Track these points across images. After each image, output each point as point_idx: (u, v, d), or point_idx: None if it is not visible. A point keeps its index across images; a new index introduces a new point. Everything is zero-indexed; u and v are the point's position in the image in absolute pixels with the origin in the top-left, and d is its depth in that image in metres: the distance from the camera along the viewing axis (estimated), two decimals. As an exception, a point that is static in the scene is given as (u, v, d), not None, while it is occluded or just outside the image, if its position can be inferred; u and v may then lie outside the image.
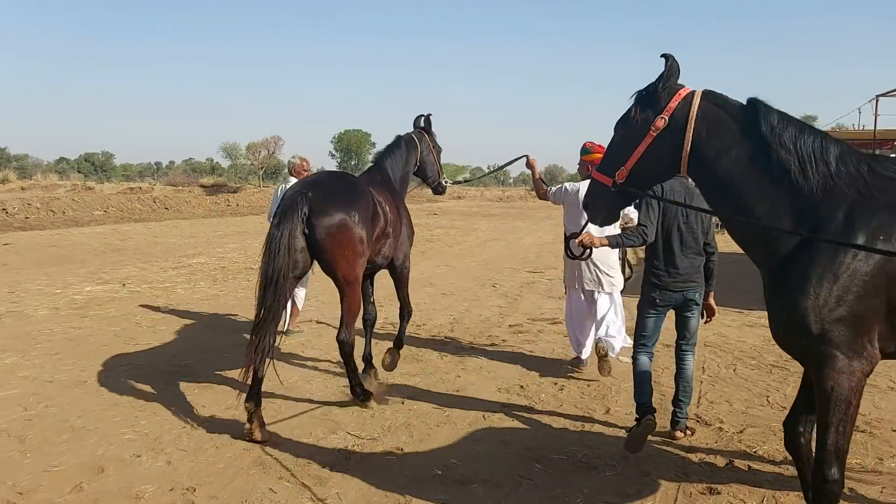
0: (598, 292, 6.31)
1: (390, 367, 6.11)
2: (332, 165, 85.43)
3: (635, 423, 4.53)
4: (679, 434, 4.81)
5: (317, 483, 4.10)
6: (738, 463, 4.36)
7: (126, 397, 5.56)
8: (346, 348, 5.27)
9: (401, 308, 6.27)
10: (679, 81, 3.09)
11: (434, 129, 6.69)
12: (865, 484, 4.05)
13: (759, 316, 9.22)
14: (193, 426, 4.98)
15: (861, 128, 23.97)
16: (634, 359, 4.77)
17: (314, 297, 9.59)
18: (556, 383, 6.11)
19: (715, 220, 5.03)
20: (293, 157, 8.35)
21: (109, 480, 4.10)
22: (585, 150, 6.18)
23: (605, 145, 3.42)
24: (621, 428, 4.99)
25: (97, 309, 9.12)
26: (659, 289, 4.68)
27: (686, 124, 2.96)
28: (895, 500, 3.84)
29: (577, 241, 4.84)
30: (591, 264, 6.17)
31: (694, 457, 4.45)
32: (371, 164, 6.39)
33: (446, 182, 6.76)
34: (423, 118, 6.68)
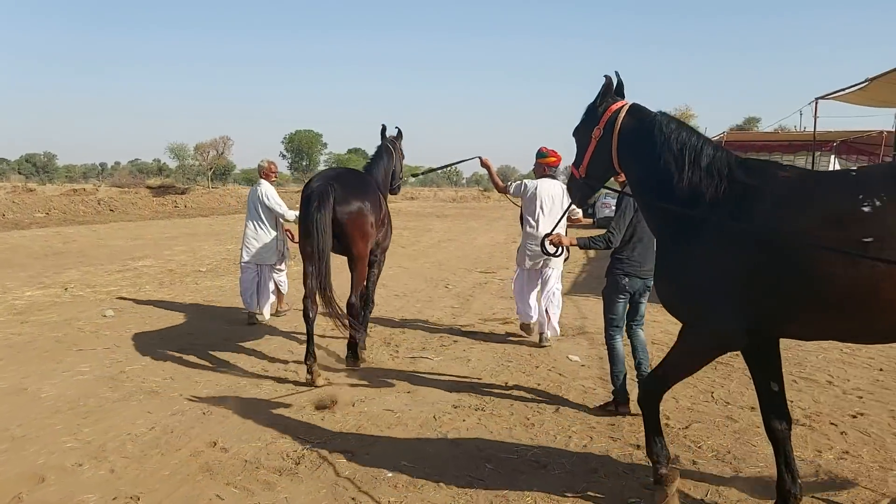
0: (543, 269, 7.51)
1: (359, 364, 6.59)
2: (283, 166, 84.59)
3: (612, 404, 5.37)
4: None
5: (265, 488, 4.05)
6: (684, 458, 4.45)
7: (68, 405, 5.42)
8: (352, 311, 6.22)
9: (368, 297, 7.05)
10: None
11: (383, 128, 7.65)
12: (805, 476, 4.17)
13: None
14: (138, 433, 4.87)
15: (802, 129, 24.67)
16: (612, 342, 5.48)
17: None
18: (506, 383, 6.14)
19: None
20: (262, 160, 8.98)
21: (50, 490, 3.98)
22: (541, 154, 7.43)
23: (557, 150, 5.14)
24: (570, 426, 5.04)
25: (38, 314, 8.86)
26: (629, 276, 5.31)
27: (613, 133, 3.73)
28: (833, 493, 3.95)
29: (548, 240, 5.39)
30: (536, 248, 7.20)
31: (640, 453, 4.52)
32: (363, 169, 7.35)
33: (401, 180, 7.87)
34: (396, 129, 7.80)
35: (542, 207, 7.39)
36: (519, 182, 7.60)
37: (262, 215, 8.58)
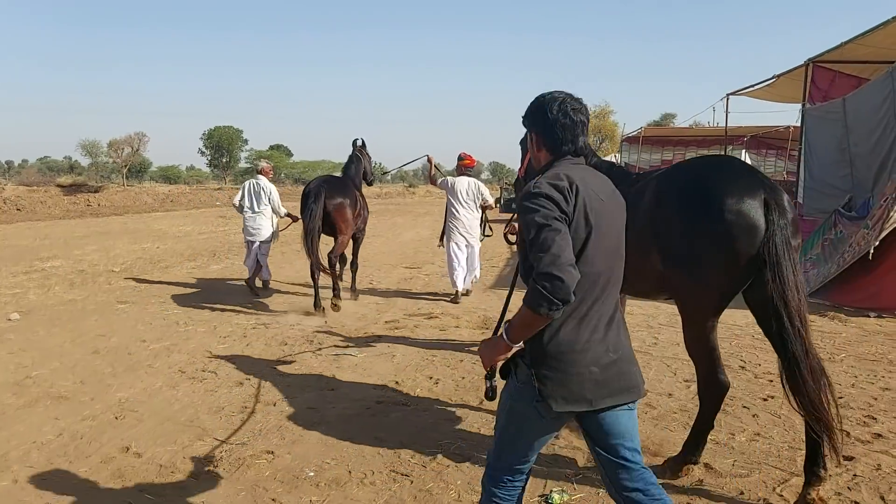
0: (467, 245, 9.93)
1: (337, 308, 8.88)
2: (202, 163, 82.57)
3: None
4: None
5: (181, 493, 3.91)
6: (605, 446, 4.52)
7: (-33, 414, 5.12)
8: (330, 262, 9.07)
9: (353, 262, 10.26)
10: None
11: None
12: (719, 457, 4.30)
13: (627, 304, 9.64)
14: (44, 440, 4.64)
15: (716, 124, 25.55)
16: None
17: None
18: (431, 377, 6.13)
19: None
20: (261, 160, 11.75)
21: (-55, 505, 3.75)
22: (460, 158, 10.17)
23: (473, 155, 9.04)
24: (494, 418, 5.05)
25: (-65, 319, 8.35)
26: None
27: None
28: (746, 473, 4.08)
29: (505, 230, 5.99)
30: (463, 227, 9.92)
31: (562, 442, 4.58)
32: (342, 173, 10.16)
33: (373, 177, 10.82)
34: (360, 140, 10.38)
35: (458, 198, 9.91)
36: (444, 178, 10.08)
37: (260, 205, 10.33)
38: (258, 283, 10.60)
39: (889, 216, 8.73)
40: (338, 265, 9.66)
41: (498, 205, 28.56)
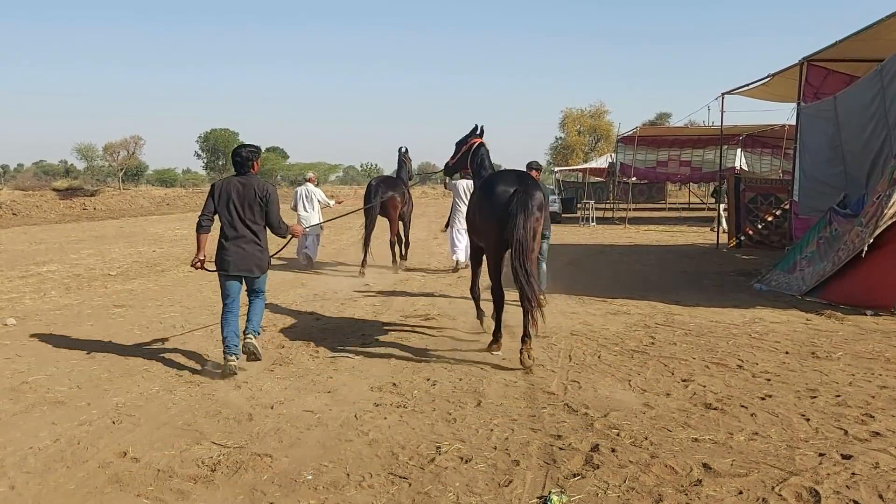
0: (465, 230, 10.39)
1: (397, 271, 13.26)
2: (198, 165, 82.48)
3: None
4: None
5: (179, 498, 3.89)
6: (603, 446, 4.51)
7: (-38, 420, 5.08)
8: (391, 244, 13.55)
9: (405, 240, 13.89)
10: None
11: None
12: (718, 457, 4.29)
13: (621, 304, 9.64)
14: (41, 446, 4.61)
15: (711, 123, 25.56)
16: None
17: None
18: (428, 379, 6.11)
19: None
20: (309, 173, 15.29)
21: (-59, 513, 3.72)
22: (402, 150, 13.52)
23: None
24: (492, 419, 5.05)
25: (-70, 325, 8.31)
26: None
27: (469, 152, 7.82)
28: (744, 472, 4.07)
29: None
30: (463, 217, 10.69)
31: (561, 443, 4.56)
32: (395, 174, 14.22)
33: (415, 179, 15.89)
34: (404, 148, 14.16)
35: (460, 196, 12.42)
36: (451, 182, 12.61)
37: (310, 205, 13.55)
38: (303, 262, 13.70)
39: (883, 213, 8.73)
40: (397, 244, 13.77)
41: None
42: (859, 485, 3.87)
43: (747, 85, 14.84)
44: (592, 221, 28.46)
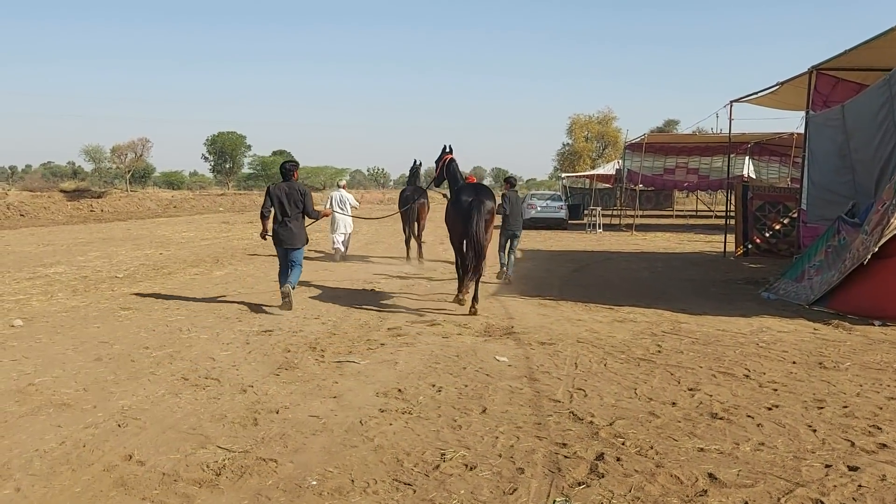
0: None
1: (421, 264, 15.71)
2: (205, 168, 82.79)
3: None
4: (505, 280, 12.86)
5: (184, 502, 3.89)
6: (608, 455, 4.50)
7: (-31, 421, 5.11)
8: (420, 235, 16.19)
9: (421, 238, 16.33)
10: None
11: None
12: (724, 467, 4.28)
13: (628, 312, 9.63)
14: (47, 448, 4.63)
15: (719, 131, 25.53)
16: (500, 254, 13.11)
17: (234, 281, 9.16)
18: (434, 385, 6.11)
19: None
20: (341, 180, 17.90)
21: (-53, 514, 3.74)
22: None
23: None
24: (497, 426, 5.04)
25: (-62, 326, 8.35)
26: (506, 229, 12.92)
27: (444, 167, 10.87)
28: (751, 483, 4.06)
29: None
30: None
31: (566, 451, 4.56)
32: (419, 185, 16.25)
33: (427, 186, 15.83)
34: (419, 161, 16.78)
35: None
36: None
37: (344, 207, 16.01)
38: (337, 258, 16.36)
39: (889, 222, 8.69)
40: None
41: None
42: (866, 497, 3.86)
43: (756, 93, 14.83)
44: (599, 228, 28.45)
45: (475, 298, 9.59)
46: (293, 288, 9.64)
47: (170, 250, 18.16)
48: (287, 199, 9.57)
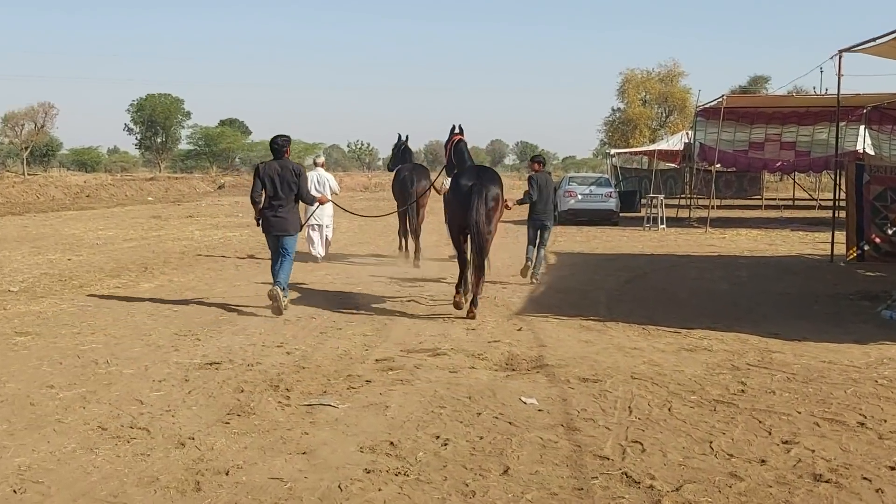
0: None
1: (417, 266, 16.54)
2: (129, 143, 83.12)
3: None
4: (532, 280, 14.25)
5: None
6: (675, 532, 4.51)
7: None
8: (419, 227, 16.73)
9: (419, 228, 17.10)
10: None
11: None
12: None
13: (700, 337, 9.64)
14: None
15: (824, 91, 25.39)
16: (528, 248, 14.58)
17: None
18: (438, 437, 6.13)
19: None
20: (318, 156, 18.44)
21: None
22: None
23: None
24: (524, 493, 5.05)
25: None
26: (533, 219, 14.36)
27: (451, 148, 12.46)
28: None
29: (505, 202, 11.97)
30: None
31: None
32: (416, 163, 18.17)
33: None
34: (406, 136, 18.17)
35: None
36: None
37: (322, 191, 15.91)
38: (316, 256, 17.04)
39: None
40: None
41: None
42: None
43: (873, 39, 14.78)
44: (662, 223, 28.41)
45: (474, 302, 10.94)
46: (283, 289, 10.81)
47: (81, 255, 18.24)
48: (280, 180, 10.81)
